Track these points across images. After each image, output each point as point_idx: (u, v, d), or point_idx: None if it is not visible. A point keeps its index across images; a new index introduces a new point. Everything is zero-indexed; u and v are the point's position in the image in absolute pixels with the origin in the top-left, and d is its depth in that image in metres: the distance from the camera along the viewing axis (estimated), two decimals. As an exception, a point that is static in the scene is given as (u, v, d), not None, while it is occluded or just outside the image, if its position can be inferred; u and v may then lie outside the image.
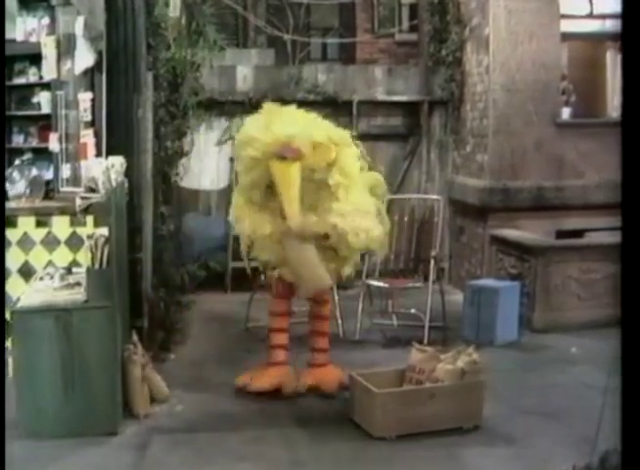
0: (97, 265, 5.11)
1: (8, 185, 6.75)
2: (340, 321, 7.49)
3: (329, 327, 6.25)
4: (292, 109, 5.84)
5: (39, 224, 6.26)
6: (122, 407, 5.24)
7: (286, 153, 5.35)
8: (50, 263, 6.13)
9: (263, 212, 5.68)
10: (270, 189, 5.60)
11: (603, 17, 8.96)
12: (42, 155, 7.27)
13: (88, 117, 6.70)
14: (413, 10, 11.88)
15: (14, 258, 6.13)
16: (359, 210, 5.68)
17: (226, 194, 9.64)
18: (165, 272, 7.27)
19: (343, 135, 5.75)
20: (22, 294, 5.53)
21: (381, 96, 9.91)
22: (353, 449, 4.94)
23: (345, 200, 5.64)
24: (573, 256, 7.85)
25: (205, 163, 9.66)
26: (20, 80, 7.41)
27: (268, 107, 5.82)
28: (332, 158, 5.54)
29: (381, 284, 7.53)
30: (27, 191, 6.88)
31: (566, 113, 9.16)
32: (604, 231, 8.23)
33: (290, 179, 5.41)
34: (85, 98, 6.68)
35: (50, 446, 4.82)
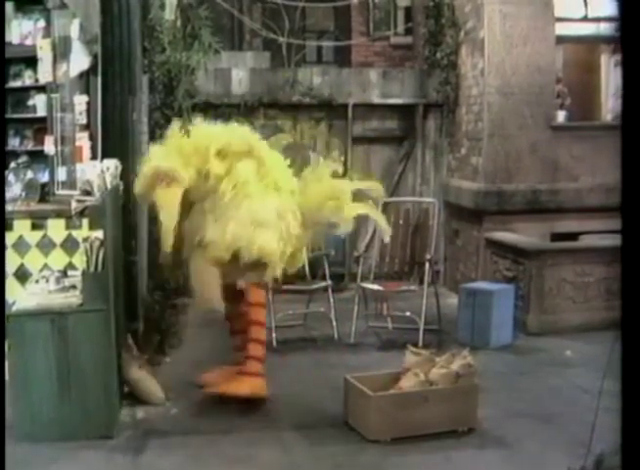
0: (92, 268, 5.10)
1: (3, 188, 6.76)
2: (335, 324, 7.50)
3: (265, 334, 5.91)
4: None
5: (35, 227, 6.25)
6: (117, 410, 5.24)
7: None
8: (45, 266, 6.12)
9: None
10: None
11: (598, 20, 8.99)
12: (38, 158, 7.29)
13: (83, 120, 6.73)
14: (408, 13, 11.87)
15: (9, 262, 6.12)
16: (255, 220, 5.48)
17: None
18: (161, 275, 7.26)
19: (239, 144, 5.63)
20: (18, 297, 5.52)
21: (376, 99, 9.92)
22: (348, 452, 4.94)
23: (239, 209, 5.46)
24: (568, 258, 7.87)
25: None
26: (15, 83, 7.43)
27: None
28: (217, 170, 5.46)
29: (375, 287, 7.54)
30: (23, 194, 6.89)
31: (560, 116, 9.18)
32: (598, 234, 8.26)
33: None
34: (81, 101, 6.70)
35: (45, 450, 4.81)
